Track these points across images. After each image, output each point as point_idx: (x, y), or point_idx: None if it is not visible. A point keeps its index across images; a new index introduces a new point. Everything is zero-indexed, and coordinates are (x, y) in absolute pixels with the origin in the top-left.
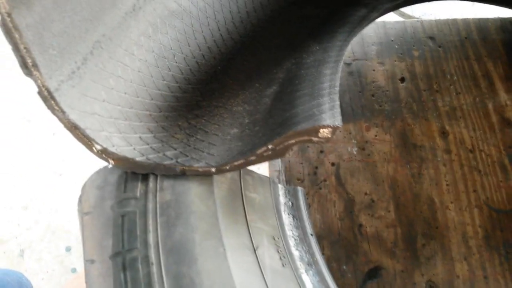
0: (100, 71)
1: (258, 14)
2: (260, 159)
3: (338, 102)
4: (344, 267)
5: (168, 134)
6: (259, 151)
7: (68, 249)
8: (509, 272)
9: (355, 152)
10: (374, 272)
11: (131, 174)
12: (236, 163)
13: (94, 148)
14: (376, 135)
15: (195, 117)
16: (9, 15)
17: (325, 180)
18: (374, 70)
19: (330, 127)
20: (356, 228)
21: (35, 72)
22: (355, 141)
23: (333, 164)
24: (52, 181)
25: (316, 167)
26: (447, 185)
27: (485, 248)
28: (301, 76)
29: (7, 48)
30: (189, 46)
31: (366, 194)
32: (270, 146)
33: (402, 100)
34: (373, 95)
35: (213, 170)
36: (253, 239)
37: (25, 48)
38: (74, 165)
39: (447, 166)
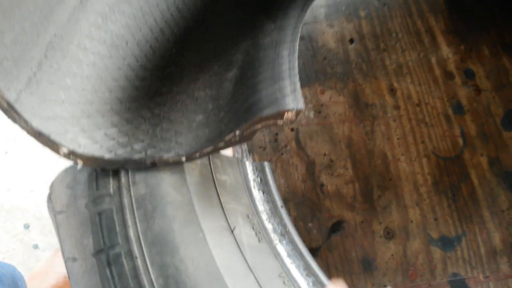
0: (56, 72)
1: None
2: (228, 145)
3: (298, 84)
4: (310, 224)
5: (132, 127)
6: (227, 138)
7: (26, 226)
8: (456, 212)
9: (312, 116)
10: (337, 226)
11: (101, 170)
12: (205, 150)
13: (61, 151)
14: (330, 98)
15: (157, 105)
16: None
17: (286, 146)
18: (324, 33)
19: (294, 110)
20: (318, 187)
21: None
22: (311, 105)
23: (292, 129)
24: None
25: (277, 134)
26: (397, 139)
27: (434, 193)
28: (260, 59)
29: None
30: (140, 31)
31: (325, 155)
32: (237, 132)
33: (352, 61)
34: (324, 58)
35: (183, 159)
36: (229, 220)
37: None
38: (19, 143)
39: (396, 121)
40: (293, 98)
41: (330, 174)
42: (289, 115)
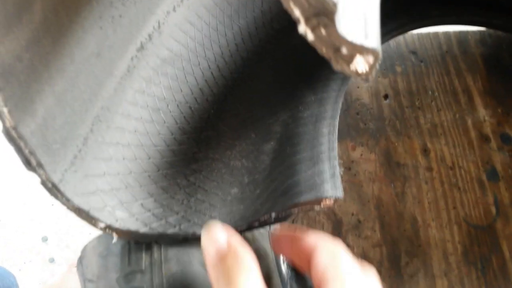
0: (100, 145)
1: (247, 45)
2: (262, 224)
3: (338, 168)
4: None
5: (168, 196)
6: (262, 218)
7: (44, 239)
8: (485, 285)
9: (341, 173)
10: None
11: (135, 243)
12: (238, 228)
13: (98, 226)
14: (361, 154)
15: (193, 173)
16: (14, 128)
17: None
18: (358, 87)
19: (333, 198)
20: None
21: (39, 171)
22: (342, 161)
23: None
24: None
25: None
26: (429, 203)
27: (464, 264)
28: (299, 135)
29: None
30: (181, 91)
31: (353, 214)
32: (273, 214)
33: (386, 117)
34: (357, 113)
35: None
36: None
37: (29, 152)
38: None
39: (428, 184)
40: (332, 185)
41: (357, 236)
42: (327, 202)
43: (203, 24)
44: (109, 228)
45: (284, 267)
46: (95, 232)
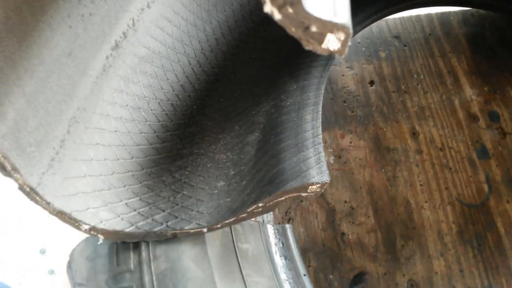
0: (78, 146)
1: (227, 39)
2: (250, 215)
3: (323, 154)
4: (331, 276)
5: (154, 194)
6: (249, 209)
7: (42, 251)
8: (482, 263)
9: (332, 161)
10: (359, 278)
11: (122, 243)
12: (227, 221)
13: (82, 228)
14: (351, 142)
15: (178, 169)
16: None
17: None
18: (343, 75)
19: (319, 183)
20: (339, 236)
21: (15, 175)
22: (331, 150)
23: None
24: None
25: None
26: (420, 185)
27: (459, 243)
28: (283, 123)
29: None
30: (162, 89)
31: (345, 202)
32: (260, 204)
33: (373, 103)
34: (344, 101)
35: (205, 230)
36: None
37: (2, 156)
38: None
39: (419, 166)
40: (317, 170)
41: (351, 222)
42: (314, 188)
43: (181, 20)
44: (93, 230)
45: (276, 257)
46: None
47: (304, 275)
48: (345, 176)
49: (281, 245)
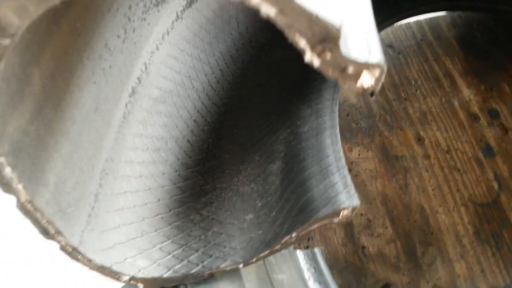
0: (110, 198)
1: (231, 68)
2: (283, 246)
3: (349, 177)
4: None
5: (184, 234)
6: (283, 240)
7: None
8: (502, 261)
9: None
10: None
11: None
12: (262, 255)
13: (121, 280)
14: (359, 154)
15: (204, 206)
16: (30, 201)
17: None
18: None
19: (350, 208)
20: (360, 250)
21: (58, 238)
22: None
23: None
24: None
25: None
26: (432, 190)
27: (477, 243)
28: (303, 150)
29: None
30: (177, 127)
31: (362, 214)
32: (294, 235)
33: (376, 114)
34: (348, 114)
35: (241, 266)
36: None
37: (47, 221)
38: None
39: (429, 171)
40: (346, 195)
41: (370, 235)
42: (345, 213)
43: (186, 57)
44: (133, 280)
45: (310, 283)
46: None
47: None
48: (358, 188)
49: (313, 270)
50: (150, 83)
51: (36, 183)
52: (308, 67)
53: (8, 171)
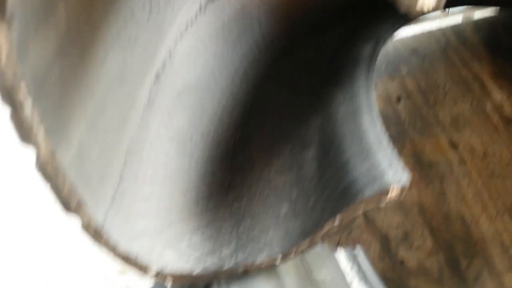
0: (135, 183)
1: (255, 69)
2: (325, 237)
3: (395, 153)
4: None
5: (215, 227)
6: (324, 229)
7: None
8: None
9: None
10: None
11: (190, 286)
12: (301, 247)
13: (149, 273)
14: None
15: (234, 200)
16: (51, 156)
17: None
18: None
19: (398, 185)
20: (398, 265)
21: (80, 211)
22: None
23: None
24: None
25: None
26: (472, 197)
27: None
28: (339, 135)
29: None
30: (202, 122)
31: (397, 226)
32: (336, 222)
33: (404, 120)
34: None
35: (278, 261)
36: None
37: (69, 189)
38: None
39: (466, 178)
40: (393, 172)
41: (409, 248)
42: (393, 192)
43: (209, 53)
44: (161, 274)
45: (355, 283)
46: None
47: None
48: None
49: (356, 270)
50: (174, 73)
51: (58, 136)
52: (335, 62)
53: (28, 106)
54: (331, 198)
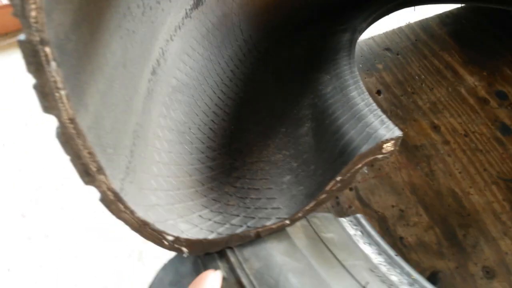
0: (144, 161)
1: (241, 69)
2: (330, 195)
3: (384, 116)
4: None
5: (222, 204)
6: (328, 187)
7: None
8: None
9: (366, 171)
10: (433, 278)
11: (205, 256)
12: (308, 207)
13: (165, 241)
14: None
15: (237, 179)
16: (72, 120)
17: (350, 207)
18: None
19: (393, 139)
20: (399, 242)
21: (99, 177)
22: None
23: (351, 189)
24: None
25: (337, 197)
26: (459, 172)
27: None
28: (331, 105)
29: None
30: (197, 115)
31: (393, 206)
32: (339, 178)
33: (387, 110)
34: None
35: (287, 222)
36: (357, 278)
37: (89, 153)
38: None
39: (451, 155)
40: (386, 130)
41: (406, 225)
42: (388, 147)
43: (198, 55)
44: (177, 242)
45: (361, 244)
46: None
47: (396, 255)
48: (384, 181)
49: (360, 234)
50: (168, 70)
51: (77, 99)
52: (317, 51)
53: (53, 66)
54: (330, 160)
